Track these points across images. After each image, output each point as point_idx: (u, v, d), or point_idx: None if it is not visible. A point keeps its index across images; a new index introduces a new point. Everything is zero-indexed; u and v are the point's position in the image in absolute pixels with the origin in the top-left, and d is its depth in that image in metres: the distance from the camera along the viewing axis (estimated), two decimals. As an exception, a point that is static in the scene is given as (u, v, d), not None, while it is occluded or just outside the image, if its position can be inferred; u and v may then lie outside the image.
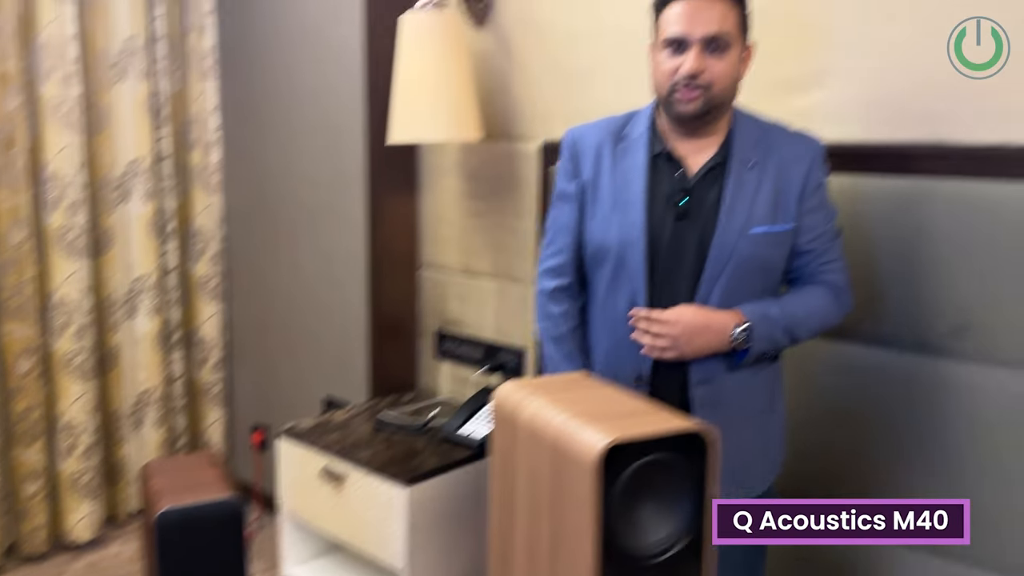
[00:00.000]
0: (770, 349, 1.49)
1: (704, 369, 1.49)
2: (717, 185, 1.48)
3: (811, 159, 1.49)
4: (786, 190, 1.48)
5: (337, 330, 2.70)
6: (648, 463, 1.14)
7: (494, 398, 1.33)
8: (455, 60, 2.16)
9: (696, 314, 1.43)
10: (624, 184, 1.51)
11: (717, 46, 1.40)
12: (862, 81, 1.69)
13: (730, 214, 1.45)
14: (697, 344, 1.43)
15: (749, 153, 1.48)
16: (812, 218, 1.50)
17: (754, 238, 1.45)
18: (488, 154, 2.36)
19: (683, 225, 1.47)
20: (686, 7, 1.41)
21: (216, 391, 3.04)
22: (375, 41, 2.40)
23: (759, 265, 1.48)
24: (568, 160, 1.59)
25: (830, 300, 1.52)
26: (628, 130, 1.56)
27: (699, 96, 1.42)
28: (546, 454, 1.19)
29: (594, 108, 2.05)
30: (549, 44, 2.17)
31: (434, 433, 2.23)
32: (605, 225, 1.53)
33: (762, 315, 1.45)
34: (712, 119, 1.47)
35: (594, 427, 1.13)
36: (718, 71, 1.41)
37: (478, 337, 2.45)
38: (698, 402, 1.49)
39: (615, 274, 1.53)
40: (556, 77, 2.17)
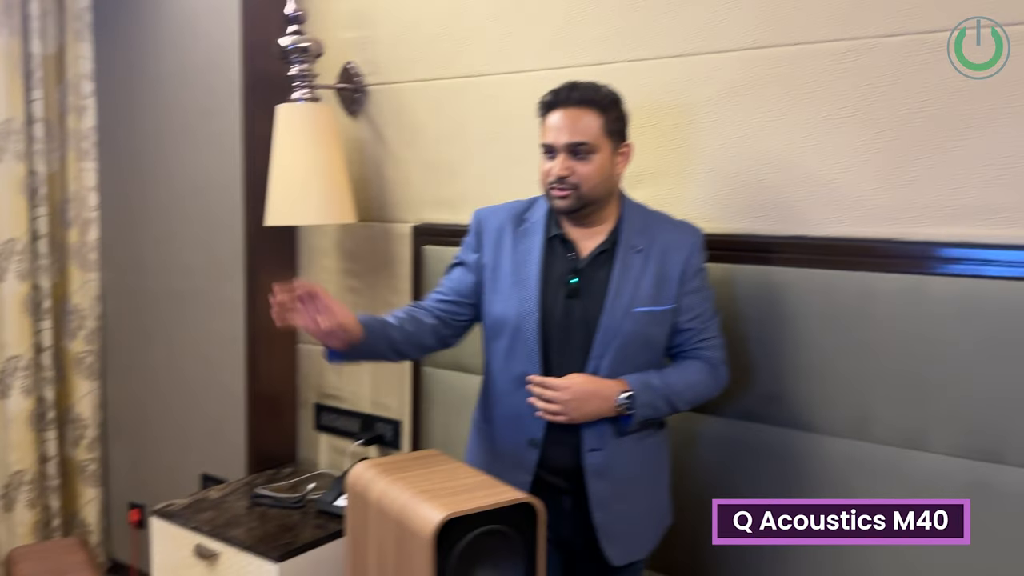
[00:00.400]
0: (653, 416, 1.61)
1: (596, 436, 1.59)
2: (605, 268, 1.61)
3: (691, 246, 1.64)
4: (668, 273, 1.62)
5: (215, 407, 2.74)
6: (482, 534, 1.26)
7: (348, 477, 1.42)
8: (329, 148, 2.28)
9: (586, 382, 1.55)
10: (522, 263, 1.65)
11: (581, 152, 1.56)
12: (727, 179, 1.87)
13: (616, 295, 1.59)
14: (586, 409, 1.55)
15: (635, 239, 1.62)
16: (691, 299, 1.63)
17: (637, 316, 1.59)
18: (364, 235, 2.48)
19: (573, 303, 1.61)
20: (555, 118, 1.58)
21: (91, 470, 3.00)
22: (253, 128, 2.50)
23: (643, 341, 1.61)
24: (472, 236, 1.73)
25: (707, 374, 1.65)
26: (529, 214, 1.70)
27: (569, 195, 1.57)
28: (392, 529, 1.30)
29: (460, 196, 2.25)
30: (419, 139, 2.33)
31: (311, 506, 2.29)
32: (504, 300, 1.65)
33: (644, 384, 1.57)
34: (591, 211, 1.61)
35: (432, 504, 1.24)
36: (583, 173, 1.56)
37: (356, 409, 2.54)
38: (590, 469, 1.60)
39: (511, 345, 1.64)
40: (426, 167, 2.32)
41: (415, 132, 2.33)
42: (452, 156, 2.27)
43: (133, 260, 2.94)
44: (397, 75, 2.35)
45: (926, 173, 1.60)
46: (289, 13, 2.26)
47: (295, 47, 2.26)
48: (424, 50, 2.28)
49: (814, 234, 1.73)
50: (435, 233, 2.28)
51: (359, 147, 2.45)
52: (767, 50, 1.73)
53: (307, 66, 2.29)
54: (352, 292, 2.52)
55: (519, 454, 1.64)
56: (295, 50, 2.26)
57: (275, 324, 1.53)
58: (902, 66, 1.60)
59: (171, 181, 2.79)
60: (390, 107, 2.38)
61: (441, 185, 2.30)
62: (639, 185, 1.92)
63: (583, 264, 1.62)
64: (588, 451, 1.60)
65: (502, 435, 1.68)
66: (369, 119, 2.43)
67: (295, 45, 2.25)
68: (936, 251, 1.58)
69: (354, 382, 2.55)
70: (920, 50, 1.58)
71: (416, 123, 2.33)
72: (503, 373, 1.67)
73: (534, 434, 1.62)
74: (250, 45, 2.47)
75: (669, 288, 1.62)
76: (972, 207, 1.56)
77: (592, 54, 1.99)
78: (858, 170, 1.67)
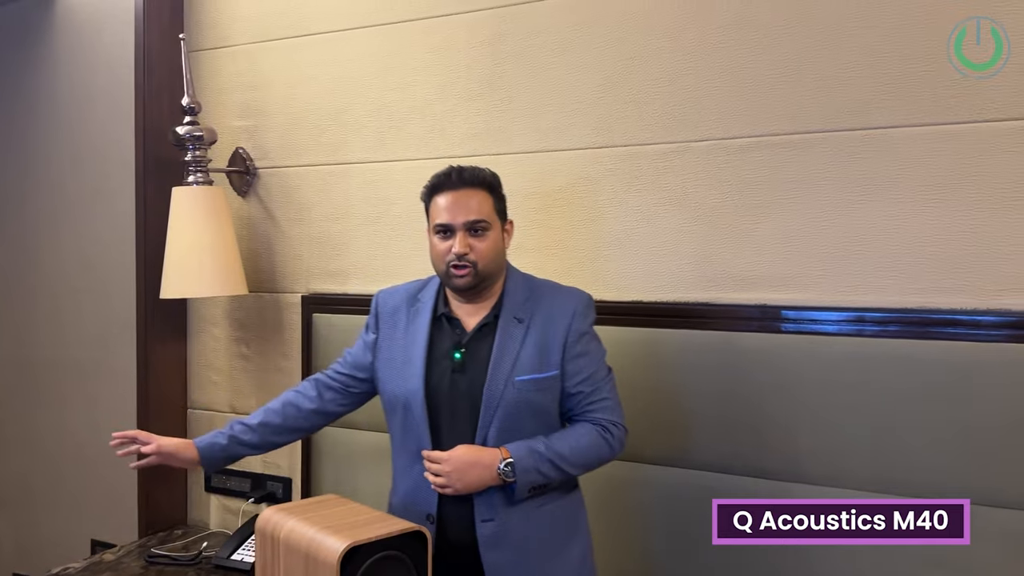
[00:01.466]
0: (541, 482, 1.62)
1: (486, 506, 1.63)
2: (488, 341, 1.67)
3: (573, 311, 1.68)
4: (551, 340, 1.66)
5: (106, 473, 2.82)
6: (379, 559, 1.49)
7: (257, 521, 1.63)
8: (221, 225, 2.48)
9: (467, 452, 1.60)
10: (411, 342, 1.72)
11: (478, 229, 1.65)
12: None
13: (497, 365, 1.64)
14: (469, 479, 1.58)
15: (517, 310, 1.69)
16: (577, 363, 1.67)
17: (520, 384, 1.63)
18: (255, 305, 2.68)
19: (459, 376, 1.67)
20: (447, 199, 1.67)
21: (-30, 545, 2.98)
22: (147, 208, 2.66)
23: (529, 409, 1.65)
24: (372, 316, 1.84)
25: (596, 436, 1.66)
26: (422, 295, 1.78)
27: (469, 272, 1.65)
28: (300, 561, 1.51)
29: (347, 269, 2.50)
30: (307, 217, 2.56)
31: (205, 563, 2.42)
32: (394, 379, 1.73)
33: (528, 450, 1.60)
34: (485, 287, 1.69)
35: (335, 536, 1.47)
36: (481, 249, 1.65)
37: (246, 469, 2.69)
38: (483, 541, 1.63)
39: (404, 422, 1.70)
40: (314, 242, 2.56)
41: (303, 211, 2.57)
42: (338, 232, 2.51)
43: (22, 337, 3.01)
44: (286, 160, 2.59)
45: (729, 249, 1.99)
46: (185, 105, 2.47)
47: (190, 135, 2.47)
48: (311, 139, 2.54)
49: (645, 299, 2.07)
50: (324, 302, 2.51)
51: (250, 224, 2.67)
52: (604, 149, 2.10)
53: (201, 152, 2.50)
54: (243, 359, 2.70)
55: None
56: (190, 138, 2.47)
57: (166, 392, 1.76)
58: (709, 165, 2.00)
59: (64, 257, 2.90)
60: (279, 188, 2.61)
61: (328, 258, 2.54)
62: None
63: (467, 339, 1.69)
64: (480, 522, 1.63)
65: (405, 511, 1.71)
66: (259, 199, 2.65)
67: (190, 134, 2.46)
68: (740, 311, 1.95)
69: (245, 443, 2.70)
70: (723, 153, 1.98)
71: (304, 202, 2.57)
72: (400, 450, 1.74)
73: (430, 509, 1.67)
74: (145, 131, 2.64)
75: (552, 354, 1.66)
76: (766, 276, 1.96)
77: (463, 147, 2.30)
78: (678, 246, 2.04)
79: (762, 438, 1.91)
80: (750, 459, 1.92)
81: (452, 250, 1.65)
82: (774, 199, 1.94)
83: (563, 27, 2.15)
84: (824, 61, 1.87)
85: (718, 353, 1.95)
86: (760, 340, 1.91)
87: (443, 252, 1.67)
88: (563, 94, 2.17)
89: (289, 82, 2.56)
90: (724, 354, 1.95)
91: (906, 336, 1.78)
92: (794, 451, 1.88)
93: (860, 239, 1.86)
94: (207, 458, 1.84)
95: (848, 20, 1.85)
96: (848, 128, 1.86)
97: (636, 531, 2.05)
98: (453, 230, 1.66)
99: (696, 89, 2.00)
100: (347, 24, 2.46)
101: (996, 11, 1.72)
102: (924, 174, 1.80)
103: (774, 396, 1.89)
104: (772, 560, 1.87)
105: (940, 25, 1.77)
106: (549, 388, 1.67)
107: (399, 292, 1.83)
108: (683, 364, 1.99)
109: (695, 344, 1.98)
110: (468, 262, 1.64)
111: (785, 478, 1.88)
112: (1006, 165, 1.73)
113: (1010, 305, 1.73)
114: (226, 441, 1.83)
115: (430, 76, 2.34)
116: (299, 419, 1.87)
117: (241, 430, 1.85)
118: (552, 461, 1.62)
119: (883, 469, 1.79)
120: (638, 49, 2.07)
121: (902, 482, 1.77)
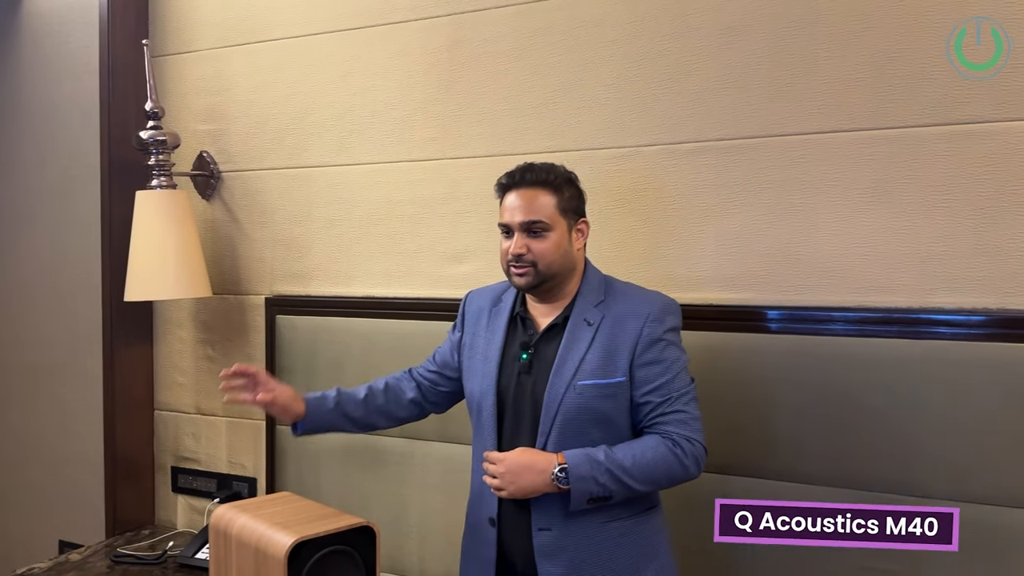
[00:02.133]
0: (600, 493, 1.52)
1: (544, 516, 1.58)
2: (555, 343, 1.63)
3: (647, 315, 1.61)
4: (619, 345, 1.60)
5: (73, 474, 2.84)
6: (327, 554, 1.53)
7: (211, 518, 1.67)
8: (185, 228, 2.52)
9: (522, 455, 1.55)
10: (489, 342, 1.71)
11: (535, 230, 1.61)
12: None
13: (560, 368, 1.59)
14: (522, 483, 1.52)
15: (588, 313, 1.63)
16: (647, 371, 1.58)
17: (582, 389, 1.57)
18: (219, 307, 2.71)
19: (525, 378, 1.63)
20: (511, 199, 1.64)
21: (-63, 547, 3.00)
22: (112, 211, 2.69)
23: (592, 417, 1.58)
24: (459, 316, 1.84)
25: (664, 449, 1.55)
26: (505, 295, 1.76)
27: (527, 272, 1.61)
28: (250, 556, 1.55)
29: (310, 271, 2.54)
30: (270, 220, 2.60)
31: (171, 562, 2.45)
32: (472, 377, 1.72)
33: (585, 458, 1.52)
34: (552, 287, 1.64)
35: (284, 531, 1.51)
36: (538, 250, 1.60)
37: (212, 470, 2.72)
38: (539, 550, 1.58)
39: (478, 421, 1.70)
40: (277, 245, 2.59)
41: (266, 214, 2.61)
42: (301, 235, 2.55)
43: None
44: (249, 164, 2.63)
45: (677, 251, 2.04)
46: (149, 109, 2.50)
47: (154, 140, 2.50)
48: (274, 143, 2.58)
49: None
50: (287, 304, 2.55)
51: (214, 227, 2.70)
52: (557, 154, 2.14)
53: (164, 156, 2.53)
54: (208, 360, 2.73)
55: (483, 530, 1.67)
56: (154, 143, 2.50)
57: (132, 394, 1.74)
58: (657, 169, 2.05)
59: (30, 261, 2.92)
60: (243, 192, 2.65)
61: (292, 261, 2.58)
62: (464, 261, 2.29)
63: (535, 340, 1.66)
64: (537, 530, 1.58)
65: (472, 510, 1.73)
66: (223, 202, 2.68)
67: (154, 139, 2.49)
68: (687, 311, 1.99)
69: (210, 444, 2.74)
70: (672, 156, 2.04)
71: (267, 206, 2.60)
72: (475, 449, 1.72)
73: (491, 511, 1.65)
74: (110, 136, 2.67)
75: (619, 360, 1.59)
76: (712, 277, 2.01)
77: (423, 151, 2.35)
78: (627, 249, 2.09)
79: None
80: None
81: (509, 252, 1.64)
82: (719, 203, 1.99)
83: (518, 34, 2.20)
84: (766, 68, 1.93)
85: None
86: (707, 339, 1.97)
87: (504, 252, 1.65)
88: (518, 99, 2.21)
89: (252, 87, 2.60)
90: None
91: (848, 335, 1.84)
92: (736, 445, 1.93)
93: (801, 241, 1.91)
94: (311, 420, 1.77)
95: (790, 28, 1.91)
96: (790, 133, 1.92)
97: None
98: (512, 230, 1.64)
99: (644, 95, 2.06)
100: (308, 30, 2.50)
101: (996, 11, 1.72)
102: (861, 177, 1.86)
103: (718, 394, 1.95)
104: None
105: (877, 30, 1.83)
106: (615, 395, 1.59)
107: (486, 292, 1.82)
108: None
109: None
110: (527, 262, 1.61)
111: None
112: (940, 168, 1.79)
113: (943, 304, 1.80)
114: (332, 406, 1.78)
115: (389, 81, 2.39)
116: (400, 405, 1.84)
117: (348, 399, 1.80)
118: (611, 472, 1.52)
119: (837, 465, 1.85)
120: (589, 56, 2.12)
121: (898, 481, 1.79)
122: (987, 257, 1.76)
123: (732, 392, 1.93)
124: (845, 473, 1.83)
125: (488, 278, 2.21)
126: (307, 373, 2.49)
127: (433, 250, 2.34)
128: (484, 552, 1.66)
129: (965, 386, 1.74)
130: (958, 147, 1.77)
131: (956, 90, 1.77)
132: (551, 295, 1.67)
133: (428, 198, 2.34)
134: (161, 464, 2.83)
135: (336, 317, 2.46)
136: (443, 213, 2.32)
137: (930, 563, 1.76)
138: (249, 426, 2.65)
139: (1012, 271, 1.75)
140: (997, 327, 1.73)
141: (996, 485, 1.72)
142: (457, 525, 2.28)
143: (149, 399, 2.82)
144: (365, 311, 2.41)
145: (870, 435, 1.81)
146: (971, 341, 1.74)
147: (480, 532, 1.68)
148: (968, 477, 1.74)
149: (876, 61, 1.83)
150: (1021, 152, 1.73)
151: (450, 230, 2.32)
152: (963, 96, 1.76)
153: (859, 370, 1.82)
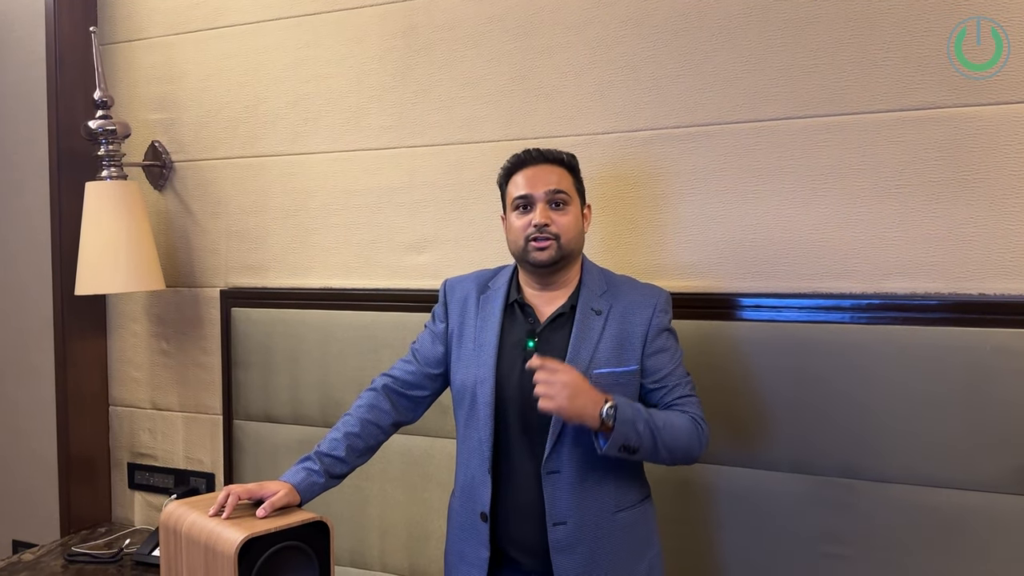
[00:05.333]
0: (634, 441, 1.49)
1: (559, 509, 1.55)
2: (563, 331, 1.59)
3: (655, 305, 1.61)
4: (630, 334, 1.59)
5: (26, 473, 2.78)
6: (278, 550, 1.51)
7: (161, 515, 1.63)
8: (137, 220, 2.46)
9: (582, 378, 1.49)
10: (483, 329, 1.64)
11: (558, 202, 1.58)
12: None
13: (575, 356, 1.55)
14: (578, 402, 1.45)
15: (595, 302, 1.61)
16: (657, 359, 1.60)
17: (597, 378, 1.53)
18: (173, 300, 2.66)
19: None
20: (527, 172, 1.61)
21: None
22: (61, 203, 2.62)
23: None
24: (440, 305, 1.75)
25: (691, 424, 1.56)
26: (493, 282, 1.70)
27: (551, 245, 1.57)
28: (200, 554, 1.52)
29: (265, 262, 2.49)
30: (224, 211, 2.55)
31: (127, 559, 2.41)
32: (465, 366, 1.64)
33: (628, 403, 1.50)
34: (563, 268, 1.61)
35: (234, 528, 1.48)
36: (563, 223, 1.58)
37: (169, 466, 2.68)
38: (554, 545, 1.55)
39: (470, 411, 1.63)
40: (231, 236, 2.55)
41: (220, 204, 2.56)
42: (256, 226, 2.51)
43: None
44: (201, 153, 2.57)
45: (633, 238, 2.03)
46: (97, 98, 2.44)
47: (103, 130, 2.43)
48: (227, 132, 2.52)
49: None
50: (243, 296, 2.51)
51: (167, 219, 2.64)
52: (516, 142, 2.12)
53: (115, 147, 2.47)
54: (163, 355, 2.68)
55: (474, 528, 1.62)
56: (103, 132, 2.44)
57: (86, 389, 1.63)
58: (615, 157, 2.04)
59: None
60: (195, 182, 2.59)
61: (246, 252, 2.53)
62: (423, 251, 2.26)
63: (541, 328, 1.61)
64: (552, 525, 1.56)
65: (461, 505, 1.67)
66: (176, 193, 2.63)
67: (103, 128, 2.43)
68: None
69: (166, 440, 2.69)
70: (629, 144, 2.03)
71: (221, 196, 2.55)
72: (463, 442, 1.66)
73: (483, 506, 1.60)
74: (59, 126, 2.60)
75: (632, 348, 1.59)
76: (667, 264, 2.01)
77: (379, 140, 2.32)
78: (586, 237, 2.08)
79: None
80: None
81: (532, 223, 1.58)
82: (676, 190, 1.98)
83: (474, 20, 2.17)
84: (721, 55, 1.92)
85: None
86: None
87: (523, 226, 1.59)
88: (475, 86, 2.19)
89: (204, 74, 2.54)
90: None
91: (802, 321, 1.85)
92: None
93: (757, 228, 1.92)
94: (306, 501, 1.65)
95: (744, 15, 1.90)
96: (745, 120, 1.91)
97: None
98: (533, 201, 1.59)
99: (601, 82, 2.04)
100: (261, 16, 2.45)
101: (994, 11, 1.71)
102: (815, 164, 1.86)
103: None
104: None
105: (830, 17, 1.83)
106: (627, 384, 1.59)
107: (468, 280, 1.75)
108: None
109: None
110: (550, 234, 1.57)
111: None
112: (893, 155, 1.80)
113: (896, 289, 1.81)
114: (324, 480, 1.65)
115: (344, 68, 2.35)
116: (379, 435, 1.73)
117: (331, 463, 1.67)
118: (649, 425, 1.50)
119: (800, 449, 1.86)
120: (546, 43, 2.10)
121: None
122: (939, 243, 1.77)
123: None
124: (805, 458, 1.84)
125: (448, 268, 2.20)
126: (263, 367, 2.45)
127: (391, 240, 2.31)
128: (476, 552, 1.62)
129: (916, 371, 1.75)
130: (911, 133, 1.78)
131: (908, 76, 1.77)
132: (555, 280, 1.64)
133: (385, 187, 2.31)
134: (117, 460, 2.78)
135: (293, 309, 2.42)
136: (401, 202, 2.29)
137: (885, 547, 1.78)
138: (206, 421, 2.61)
139: (963, 257, 1.76)
140: (949, 311, 1.75)
141: (948, 468, 1.73)
142: (419, 517, 2.28)
143: (103, 394, 2.76)
144: (323, 303, 2.38)
145: (825, 421, 1.83)
146: (923, 326, 1.76)
147: (470, 530, 1.63)
148: (920, 461, 1.75)
149: (829, 48, 1.83)
150: (973, 138, 1.74)
151: (408, 220, 2.29)
152: (915, 82, 1.77)
153: (816, 356, 1.83)
